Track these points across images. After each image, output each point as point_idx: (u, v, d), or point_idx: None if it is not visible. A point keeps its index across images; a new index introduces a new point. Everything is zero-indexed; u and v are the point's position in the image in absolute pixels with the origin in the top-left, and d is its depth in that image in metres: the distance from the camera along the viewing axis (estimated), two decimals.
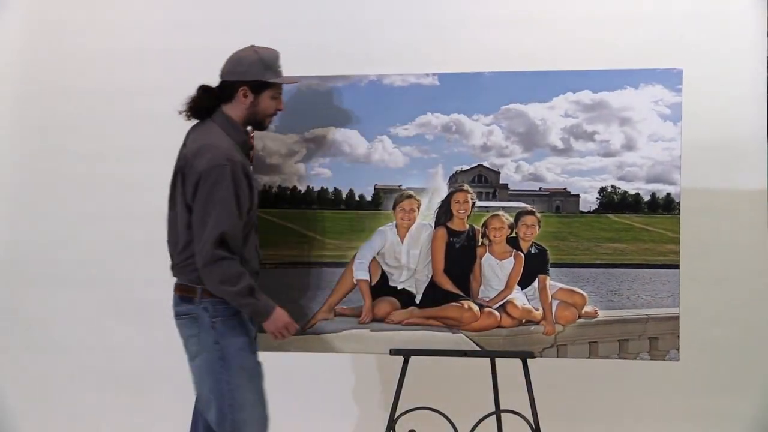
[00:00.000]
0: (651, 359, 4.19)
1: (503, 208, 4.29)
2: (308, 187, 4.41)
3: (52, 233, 5.87)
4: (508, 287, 4.25)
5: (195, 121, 4.05)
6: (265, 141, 4.39)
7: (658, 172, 4.19)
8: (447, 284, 4.27)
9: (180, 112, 4.00)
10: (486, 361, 4.35)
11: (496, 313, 4.21)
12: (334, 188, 4.40)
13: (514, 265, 4.25)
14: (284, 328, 3.94)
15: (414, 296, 4.32)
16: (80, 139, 5.90)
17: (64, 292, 5.80)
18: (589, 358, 4.24)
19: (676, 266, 4.17)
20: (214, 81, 4.07)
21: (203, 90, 4.02)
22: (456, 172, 4.31)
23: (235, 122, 3.98)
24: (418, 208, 4.31)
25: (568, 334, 4.18)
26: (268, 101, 4.02)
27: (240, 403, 3.86)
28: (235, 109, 3.99)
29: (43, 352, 5.89)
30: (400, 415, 4.21)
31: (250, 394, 3.93)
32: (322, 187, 4.41)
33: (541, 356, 4.18)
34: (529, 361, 4.16)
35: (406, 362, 4.21)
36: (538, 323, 4.21)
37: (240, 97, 3.96)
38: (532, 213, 4.25)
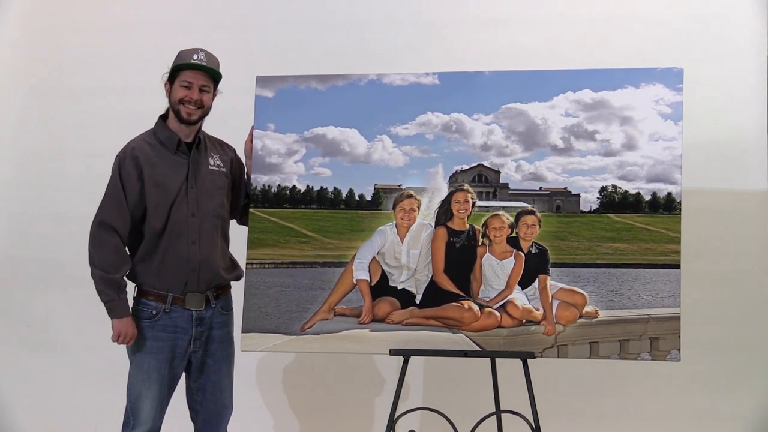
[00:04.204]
0: (652, 359, 4.17)
1: (504, 207, 4.27)
2: (308, 186, 4.39)
3: (49, 232, 5.86)
4: (508, 287, 4.23)
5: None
6: (264, 140, 4.38)
7: (658, 171, 4.17)
8: (447, 284, 4.25)
9: None
10: (486, 362, 4.33)
11: (497, 313, 4.19)
12: (334, 188, 4.38)
13: (514, 265, 4.23)
14: (125, 335, 4.03)
15: (414, 296, 4.29)
16: (78, 138, 5.90)
17: (61, 292, 5.80)
18: (589, 358, 4.22)
19: (677, 266, 4.15)
20: None
21: None
22: (456, 171, 4.29)
23: (166, 119, 4.20)
24: (418, 207, 4.29)
25: (569, 335, 4.16)
26: (178, 89, 4.11)
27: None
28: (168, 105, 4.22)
29: (41, 351, 5.90)
30: (400, 416, 4.20)
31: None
32: (321, 187, 4.39)
33: (541, 356, 4.16)
34: (529, 361, 4.14)
35: (406, 362, 4.19)
36: (538, 323, 4.19)
37: (166, 93, 4.18)
38: (532, 213, 4.24)
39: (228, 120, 4.43)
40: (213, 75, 4.15)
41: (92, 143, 5.77)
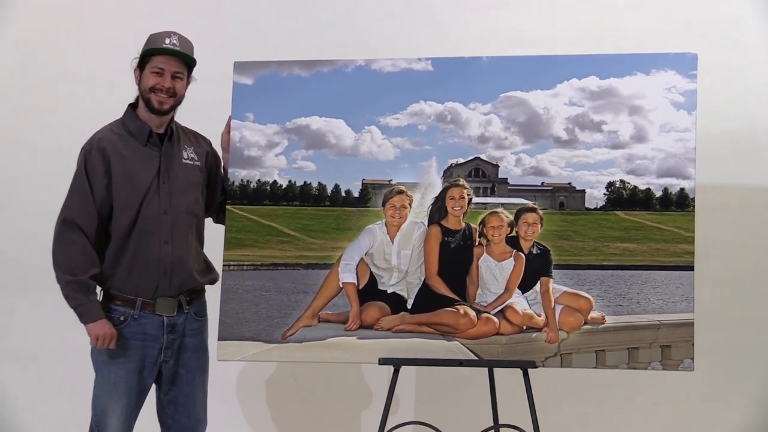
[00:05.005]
0: (663, 369, 4.17)
1: (502, 204, 4.27)
2: (290, 181, 4.39)
3: (9, 232, 5.84)
4: (507, 291, 4.22)
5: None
6: (243, 132, 4.37)
7: (670, 165, 4.18)
8: (441, 288, 4.24)
9: None
10: (483, 372, 4.34)
11: (495, 319, 4.19)
12: (319, 183, 4.38)
13: (514, 266, 4.23)
14: (104, 337, 3.99)
15: (405, 301, 4.29)
16: (41, 130, 5.88)
17: (23, 296, 5.78)
18: (595, 368, 4.22)
19: (691, 268, 4.15)
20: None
21: None
22: (451, 165, 4.29)
23: (135, 108, 4.18)
24: (410, 204, 4.29)
25: (573, 342, 4.16)
26: (149, 76, 4.09)
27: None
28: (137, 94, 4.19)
29: (4, 359, 5.86)
30: (390, 430, 4.19)
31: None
32: (305, 182, 4.39)
33: (543, 366, 4.16)
34: (530, 371, 4.13)
35: (396, 372, 4.18)
36: (540, 330, 4.18)
37: (135, 80, 4.16)
38: (533, 210, 4.23)
39: (203, 109, 4.42)
40: (186, 60, 4.13)
41: (56, 135, 5.73)
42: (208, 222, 4.39)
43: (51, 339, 5.70)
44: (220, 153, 4.42)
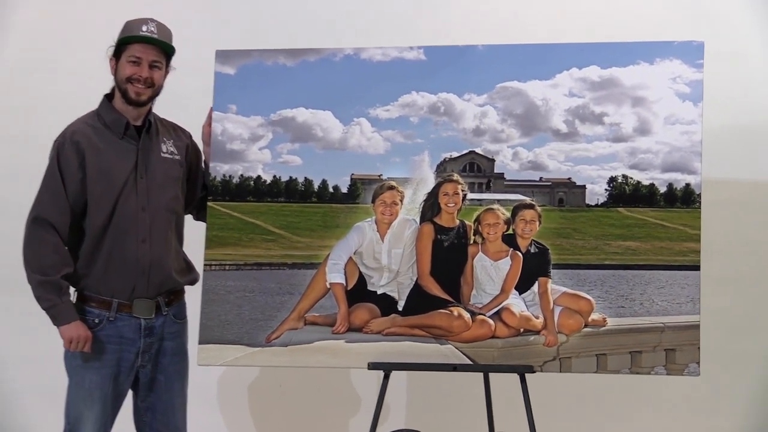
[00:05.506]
0: (667, 374, 4.18)
1: (498, 200, 4.27)
2: (275, 177, 4.39)
3: None
4: (504, 292, 4.22)
5: None
6: (225, 124, 4.36)
7: (675, 159, 4.18)
8: (434, 288, 4.24)
9: None
10: (478, 377, 4.33)
11: (490, 322, 4.19)
12: (305, 178, 4.38)
13: (510, 266, 4.22)
14: (78, 339, 3.97)
15: (396, 302, 4.28)
16: (11, 122, 5.88)
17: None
18: (596, 372, 4.22)
19: (697, 267, 4.15)
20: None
21: None
22: (444, 159, 4.29)
23: (111, 99, 4.15)
24: (401, 201, 4.28)
25: (573, 346, 4.16)
26: (125, 65, 4.07)
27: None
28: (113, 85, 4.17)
29: None
30: None
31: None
32: (290, 177, 4.39)
33: (541, 371, 4.16)
34: (527, 376, 4.13)
35: (386, 377, 4.18)
36: (538, 333, 4.18)
37: (111, 70, 4.13)
38: (531, 207, 4.23)
39: (183, 101, 4.42)
40: (165, 49, 4.11)
41: (28, 128, 5.74)
42: (188, 219, 4.37)
43: (16, 344, 5.69)
44: (200, 146, 4.41)
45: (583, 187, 4.24)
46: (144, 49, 4.06)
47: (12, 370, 5.83)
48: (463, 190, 4.25)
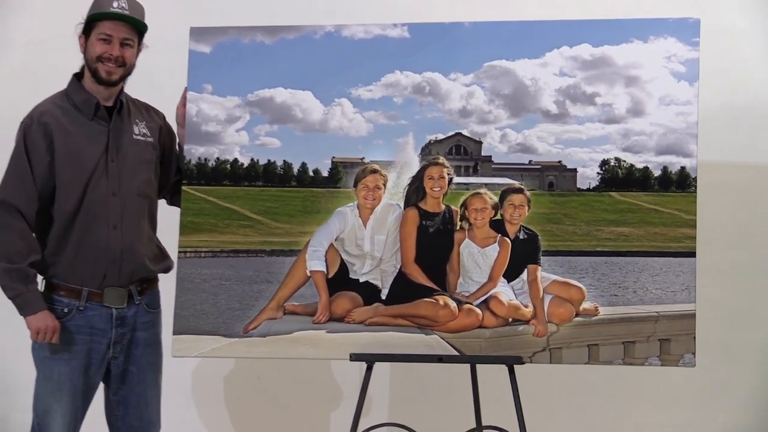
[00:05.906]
0: (662, 365, 4.19)
1: (486, 184, 4.27)
2: (252, 160, 4.37)
3: None
4: (491, 280, 4.22)
5: None
6: (200, 104, 4.34)
7: (670, 141, 4.18)
8: (419, 276, 4.24)
9: None
10: (465, 368, 4.34)
11: (478, 311, 4.18)
12: (284, 161, 4.38)
13: (498, 253, 4.22)
14: (45, 330, 3.95)
15: (379, 290, 4.28)
16: None
17: None
18: (588, 363, 4.23)
19: (692, 254, 4.15)
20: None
21: None
22: (429, 142, 4.28)
23: (81, 79, 4.14)
24: (384, 185, 4.28)
25: (564, 336, 4.17)
26: (95, 43, 4.04)
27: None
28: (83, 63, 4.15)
29: None
30: None
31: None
32: (269, 160, 4.38)
33: (530, 362, 4.16)
34: (516, 367, 4.13)
35: (369, 369, 4.18)
36: (527, 322, 4.18)
37: (80, 48, 4.11)
38: (520, 191, 4.23)
39: (156, 80, 4.42)
40: (137, 26, 4.09)
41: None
42: (162, 204, 4.36)
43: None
44: (174, 128, 4.39)
45: (574, 170, 4.24)
46: (115, 26, 4.03)
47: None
48: (449, 174, 4.24)
